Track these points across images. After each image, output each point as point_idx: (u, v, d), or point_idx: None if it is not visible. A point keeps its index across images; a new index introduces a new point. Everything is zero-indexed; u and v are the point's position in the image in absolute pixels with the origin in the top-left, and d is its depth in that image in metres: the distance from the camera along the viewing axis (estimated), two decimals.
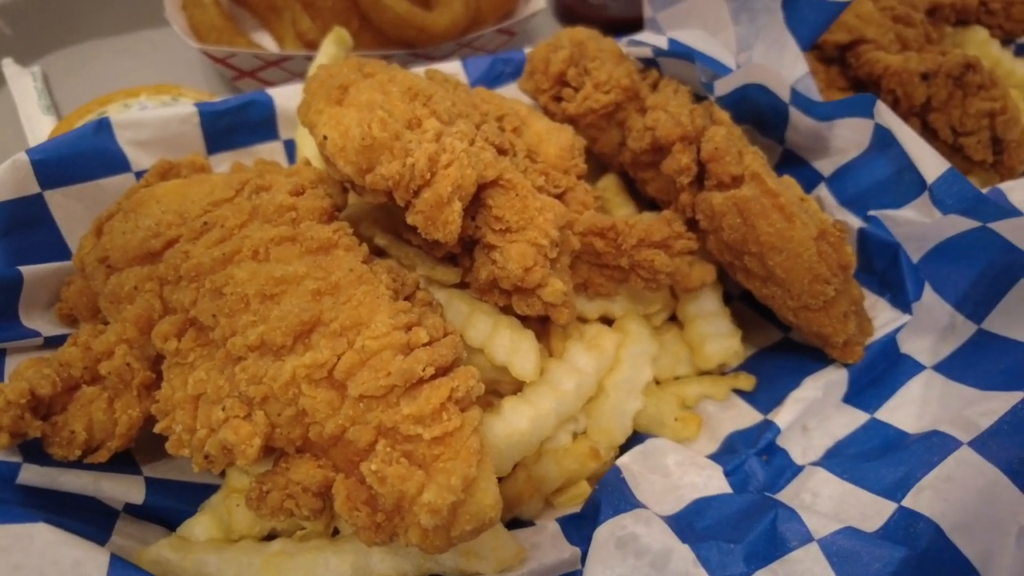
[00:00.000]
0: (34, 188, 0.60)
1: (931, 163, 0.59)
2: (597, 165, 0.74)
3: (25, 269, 0.56)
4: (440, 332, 0.47)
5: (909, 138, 0.60)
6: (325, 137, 0.53)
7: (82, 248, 0.58)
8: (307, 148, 0.66)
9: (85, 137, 0.63)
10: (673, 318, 0.66)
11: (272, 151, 0.74)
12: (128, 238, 0.53)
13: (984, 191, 0.71)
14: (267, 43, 1.02)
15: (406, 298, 0.51)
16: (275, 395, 0.44)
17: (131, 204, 0.55)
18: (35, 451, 0.47)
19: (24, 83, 0.90)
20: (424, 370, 0.42)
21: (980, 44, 0.94)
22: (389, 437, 0.43)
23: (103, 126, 0.65)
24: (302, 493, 0.44)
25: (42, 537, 0.42)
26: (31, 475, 0.46)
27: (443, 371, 0.44)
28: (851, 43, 0.81)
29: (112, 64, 0.99)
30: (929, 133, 0.83)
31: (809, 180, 0.69)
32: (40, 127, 0.85)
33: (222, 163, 0.71)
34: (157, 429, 0.47)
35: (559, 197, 0.60)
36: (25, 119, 0.86)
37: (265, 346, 0.45)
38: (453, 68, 0.79)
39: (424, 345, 0.44)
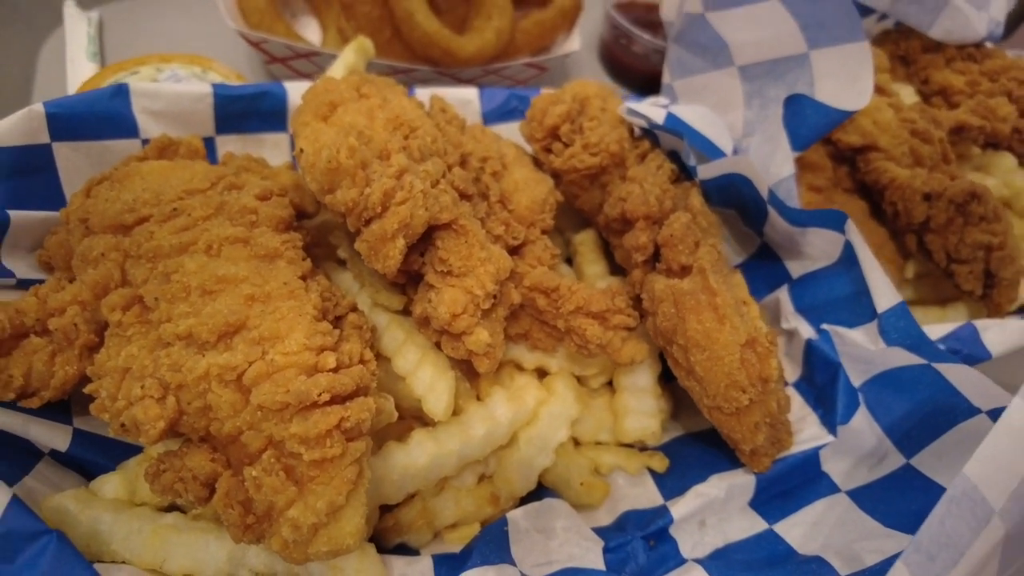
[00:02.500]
0: (44, 138, 0.65)
1: (884, 293, 0.59)
2: (581, 218, 0.76)
3: (13, 213, 0.60)
4: (355, 359, 0.49)
5: (869, 263, 0.60)
6: (301, 150, 0.56)
7: (71, 204, 0.62)
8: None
9: (102, 99, 0.68)
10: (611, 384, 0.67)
11: (278, 142, 0.77)
12: (108, 206, 0.57)
13: (959, 325, 0.71)
14: (313, 28, 1.06)
15: (337, 318, 0.53)
16: (188, 385, 0.47)
17: (119, 175, 0.59)
18: None
19: (79, 27, 0.95)
20: (320, 395, 0.45)
21: (1006, 171, 0.93)
22: (276, 449, 0.45)
23: (121, 91, 0.69)
24: (191, 480, 0.47)
25: None
26: None
27: (340, 399, 0.46)
28: (863, 147, 0.80)
29: (166, 22, 1.04)
30: (924, 253, 0.82)
31: (778, 278, 0.70)
32: (81, 72, 0.90)
33: (228, 144, 0.75)
34: (86, 390, 0.51)
35: (517, 249, 0.62)
36: (70, 62, 0.91)
37: (191, 338, 0.48)
38: (469, 95, 0.81)
39: (329, 371, 0.47)
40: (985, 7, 0.99)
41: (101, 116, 0.68)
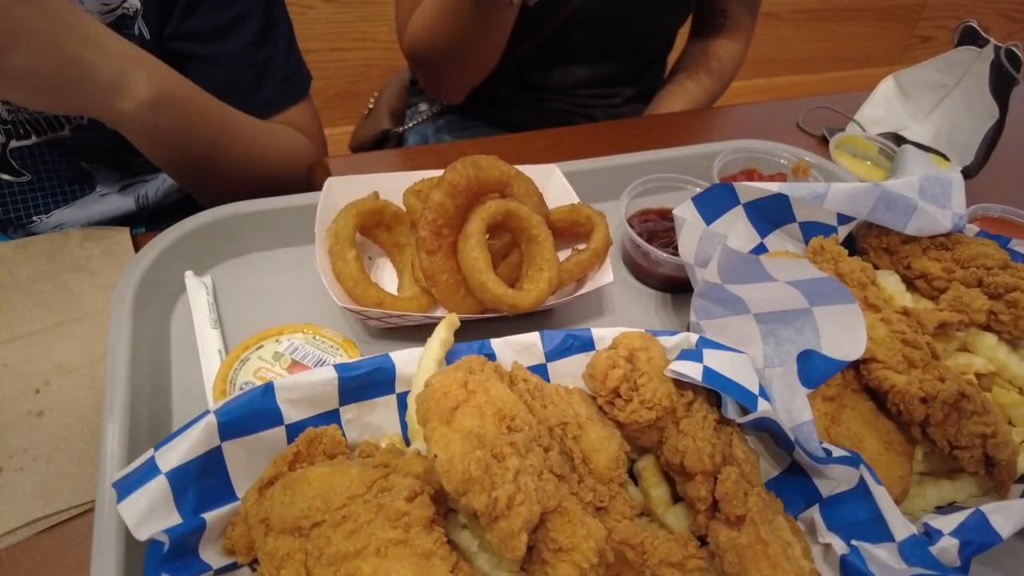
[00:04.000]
0: (216, 442, 0.82)
1: (899, 525, 0.74)
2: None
3: (208, 516, 0.77)
4: None
5: (882, 498, 0.76)
6: (436, 455, 0.73)
7: (246, 501, 0.79)
8: (420, 441, 0.86)
9: (256, 399, 0.85)
10: None
11: (388, 402, 0.94)
12: (285, 511, 0.74)
13: (968, 513, 0.85)
14: (388, 269, 1.26)
15: None
16: None
17: (289, 481, 0.76)
18: None
19: (199, 296, 1.14)
20: None
21: (989, 349, 1.09)
22: None
23: (268, 389, 0.86)
24: None
25: None
26: None
27: None
28: (864, 360, 0.97)
29: (267, 275, 1.23)
30: (928, 441, 0.98)
31: (810, 495, 0.85)
32: (207, 341, 1.08)
33: (349, 412, 0.92)
34: None
35: (603, 509, 0.78)
36: (198, 331, 1.10)
37: None
38: (532, 339, 0.98)
39: None
40: (947, 206, 1.19)
41: (255, 413, 0.85)
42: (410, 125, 2.43)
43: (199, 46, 1.37)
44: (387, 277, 1.24)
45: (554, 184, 1.30)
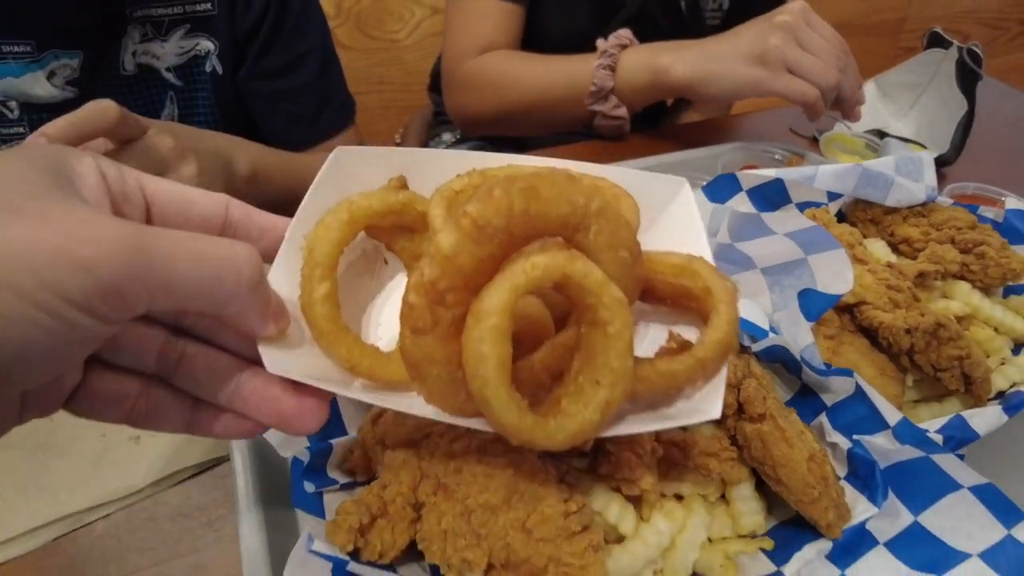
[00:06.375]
0: None
1: (891, 414, 0.93)
2: None
3: (335, 441, 0.97)
4: (580, 505, 0.83)
5: (874, 395, 0.95)
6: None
7: (362, 430, 0.99)
8: None
9: None
10: (723, 496, 0.99)
11: None
12: (399, 429, 0.93)
13: (952, 416, 1.03)
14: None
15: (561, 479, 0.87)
16: (493, 535, 0.80)
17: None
18: (354, 555, 0.85)
19: None
20: (575, 528, 0.78)
21: (964, 294, 1.28)
22: (555, 563, 0.78)
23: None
24: None
25: None
26: (354, 567, 0.83)
27: (583, 530, 0.80)
28: (856, 303, 1.17)
29: None
30: (915, 368, 1.16)
31: (817, 408, 1.04)
32: None
33: None
34: (420, 547, 0.84)
35: None
36: None
37: (487, 505, 0.82)
38: None
39: (573, 513, 0.81)
40: (920, 180, 1.39)
41: None
42: None
43: (269, 83, 1.62)
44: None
45: (677, 210, 0.84)
